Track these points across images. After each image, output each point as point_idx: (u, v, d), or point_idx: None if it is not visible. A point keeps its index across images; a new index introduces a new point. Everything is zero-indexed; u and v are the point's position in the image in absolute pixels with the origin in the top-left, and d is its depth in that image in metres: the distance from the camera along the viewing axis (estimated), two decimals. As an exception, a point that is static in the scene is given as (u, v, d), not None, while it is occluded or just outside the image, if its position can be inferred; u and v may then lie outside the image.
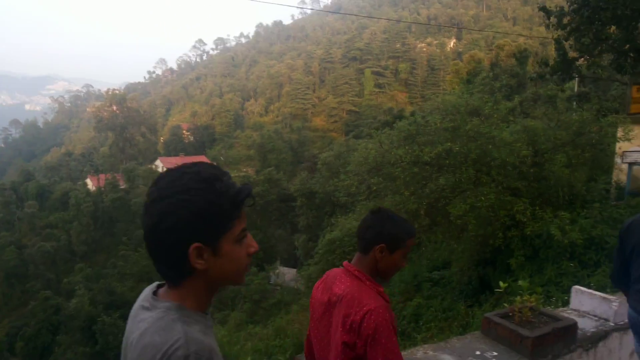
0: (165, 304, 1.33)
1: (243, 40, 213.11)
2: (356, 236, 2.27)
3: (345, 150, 38.49)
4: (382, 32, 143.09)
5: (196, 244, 1.28)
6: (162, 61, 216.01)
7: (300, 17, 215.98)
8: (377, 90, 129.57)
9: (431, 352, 3.46)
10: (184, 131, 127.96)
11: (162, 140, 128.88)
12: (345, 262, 2.26)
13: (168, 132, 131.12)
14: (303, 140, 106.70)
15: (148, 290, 1.45)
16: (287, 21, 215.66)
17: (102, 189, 67.52)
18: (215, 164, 1.52)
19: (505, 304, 3.94)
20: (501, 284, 4.15)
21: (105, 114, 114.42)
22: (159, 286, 1.45)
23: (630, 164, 14.51)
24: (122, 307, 32.56)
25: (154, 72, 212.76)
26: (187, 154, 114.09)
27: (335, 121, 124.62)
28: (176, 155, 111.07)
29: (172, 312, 1.30)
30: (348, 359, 1.98)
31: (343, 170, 19.00)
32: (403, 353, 3.55)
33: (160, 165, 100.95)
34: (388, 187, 13.85)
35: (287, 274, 36.44)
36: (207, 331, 1.32)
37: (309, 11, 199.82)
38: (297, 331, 15.94)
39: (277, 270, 35.64)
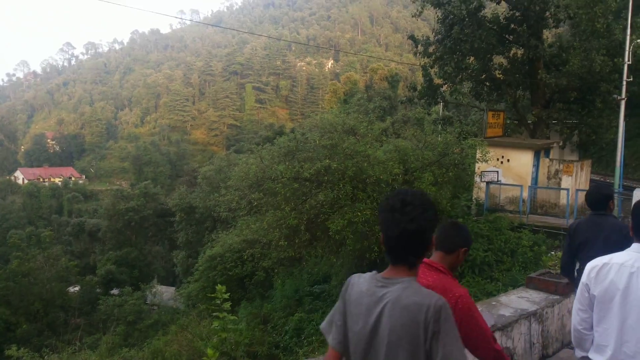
0: (405, 279, 1.97)
1: (117, 46, 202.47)
2: (441, 238, 2.81)
3: (226, 165, 38.00)
4: (263, 49, 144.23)
5: (433, 236, 2.03)
6: (24, 63, 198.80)
7: (179, 27, 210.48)
8: (258, 105, 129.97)
9: (313, 367, 3.54)
10: (49, 140, 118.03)
11: (22, 150, 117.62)
12: (425, 259, 2.66)
13: (30, 140, 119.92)
14: (182, 153, 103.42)
15: (369, 277, 2.09)
16: (165, 30, 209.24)
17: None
18: None
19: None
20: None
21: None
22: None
23: (488, 183, 16.08)
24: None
25: (14, 74, 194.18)
26: (52, 164, 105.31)
27: (216, 135, 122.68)
28: (39, 166, 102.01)
29: (413, 283, 1.96)
30: None
31: (224, 185, 18.80)
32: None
33: (20, 177, 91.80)
34: (269, 203, 13.94)
35: (165, 292, 34.89)
36: None
37: (188, 22, 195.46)
38: (176, 352, 15.25)
39: (154, 289, 33.96)
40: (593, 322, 2.79)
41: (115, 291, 34.29)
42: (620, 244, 3.28)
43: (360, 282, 2.10)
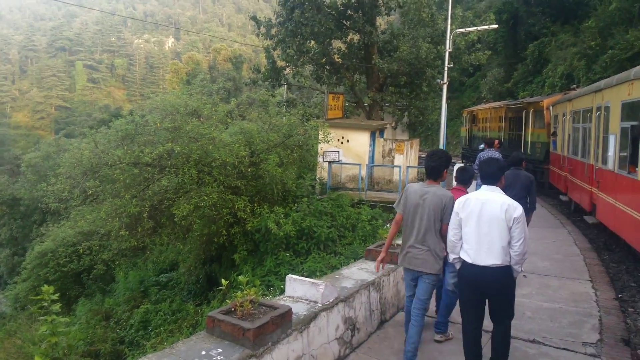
0: (436, 186, 4.79)
1: None
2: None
3: (55, 151, 34.49)
4: (95, 23, 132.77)
5: (445, 170, 4.87)
6: None
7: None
8: (91, 85, 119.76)
9: (156, 361, 3.38)
10: None
11: None
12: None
13: None
14: (2, 139, 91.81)
15: (419, 184, 4.86)
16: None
17: None
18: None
19: (228, 300, 4.11)
20: (223, 281, 4.32)
21: None
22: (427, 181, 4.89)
23: (330, 163, 16.78)
24: None
25: None
26: None
27: (42, 117, 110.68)
28: None
29: (440, 187, 4.80)
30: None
31: (53, 173, 17.08)
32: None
33: None
34: (107, 191, 12.98)
35: (-14, 297, 31.05)
36: None
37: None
38: (2, 362, 13.66)
39: (-28, 294, 30.03)
40: (461, 235, 4.35)
41: None
42: (527, 188, 7.38)
43: (414, 185, 4.86)
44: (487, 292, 4.23)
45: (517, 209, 4.11)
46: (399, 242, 5.51)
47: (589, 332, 5.70)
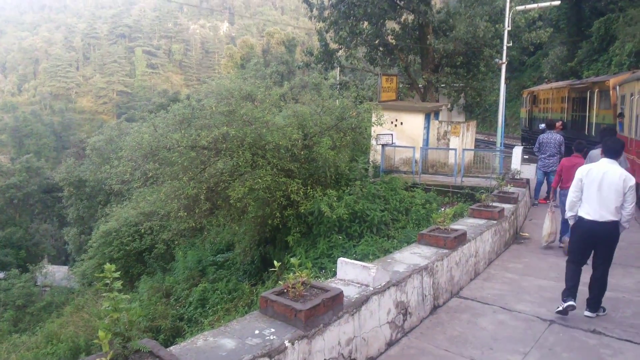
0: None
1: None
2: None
3: (117, 134, 35.94)
4: (152, 10, 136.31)
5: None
6: None
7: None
8: (150, 70, 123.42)
9: (211, 338, 3.47)
10: None
11: None
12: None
13: None
14: (68, 123, 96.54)
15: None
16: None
17: None
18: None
19: (281, 282, 4.18)
20: (275, 263, 4.38)
21: None
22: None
23: (383, 145, 16.61)
24: None
25: None
26: None
27: (105, 102, 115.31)
28: None
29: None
30: None
31: (115, 156, 17.81)
32: (184, 343, 3.53)
33: None
34: (166, 173, 13.41)
35: (57, 272, 32.96)
36: None
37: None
38: (72, 334, 14.49)
39: (45, 270, 31.98)
40: (582, 197, 5.56)
41: (0, 275, 31.92)
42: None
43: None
44: (598, 240, 5.49)
45: (632, 180, 5.39)
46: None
47: (654, 324, 5.44)
